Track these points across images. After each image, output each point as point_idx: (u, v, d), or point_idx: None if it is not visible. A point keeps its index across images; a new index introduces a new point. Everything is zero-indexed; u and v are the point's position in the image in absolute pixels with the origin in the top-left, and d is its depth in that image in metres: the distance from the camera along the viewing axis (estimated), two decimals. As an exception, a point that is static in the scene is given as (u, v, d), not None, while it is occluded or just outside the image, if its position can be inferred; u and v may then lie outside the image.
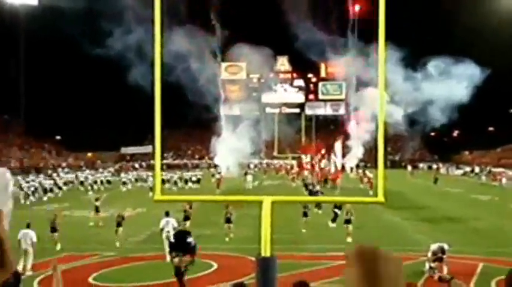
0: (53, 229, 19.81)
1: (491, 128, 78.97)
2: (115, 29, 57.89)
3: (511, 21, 61.50)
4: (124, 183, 49.49)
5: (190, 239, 12.93)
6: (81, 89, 72.56)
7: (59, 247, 19.28)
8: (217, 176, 48.40)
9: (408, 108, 61.16)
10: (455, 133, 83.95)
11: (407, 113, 61.49)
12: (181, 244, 12.93)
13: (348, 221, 21.19)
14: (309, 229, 22.86)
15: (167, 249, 16.76)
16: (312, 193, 33.87)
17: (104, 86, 69.85)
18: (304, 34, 73.11)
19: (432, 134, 77.32)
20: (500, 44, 60.68)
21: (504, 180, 51.30)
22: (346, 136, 65.06)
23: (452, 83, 54.17)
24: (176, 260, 12.90)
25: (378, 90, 7.85)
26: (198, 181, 51.42)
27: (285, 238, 18.40)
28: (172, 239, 13.14)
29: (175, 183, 49.03)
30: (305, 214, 23.07)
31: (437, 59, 56.97)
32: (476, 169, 63.43)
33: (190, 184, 50.05)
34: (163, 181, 50.67)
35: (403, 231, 23.09)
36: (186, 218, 22.25)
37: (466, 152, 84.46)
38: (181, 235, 13.41)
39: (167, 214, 18.78)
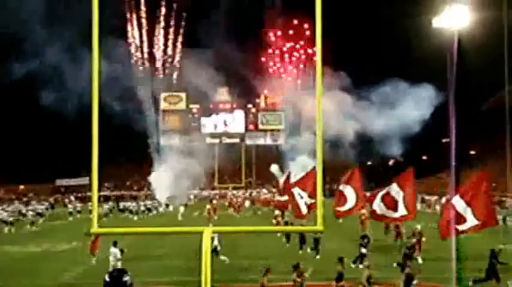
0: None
1: (425, 157, 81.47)
2: (27, 52, 55.88)
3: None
4: (70, 214, 49.53)
5: (126, 278, 12.48)
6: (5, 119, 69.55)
7: None
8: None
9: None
10: (391, 162, 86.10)
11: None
12: (117, 283, 12.45)
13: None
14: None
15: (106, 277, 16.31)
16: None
17: (21, 113, 67.28)
18: (243, 64, 74.08)
19: (369, 163, 79.13)
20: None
21: (438, 207, 52.72)
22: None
23: (398, 113, 55.66)
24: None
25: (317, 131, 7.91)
26: (149, 209, 53.10)
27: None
28: (107, 279, 12.65)
29: (131, 212, 49.55)
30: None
31: (385, 86, 58.42)
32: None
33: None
34: (121, 210, 50.62)
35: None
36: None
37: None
38: (117, 274, 12.91)
39: (114, 244, 18.74)
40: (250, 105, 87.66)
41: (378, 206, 18.27)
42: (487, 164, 67.32)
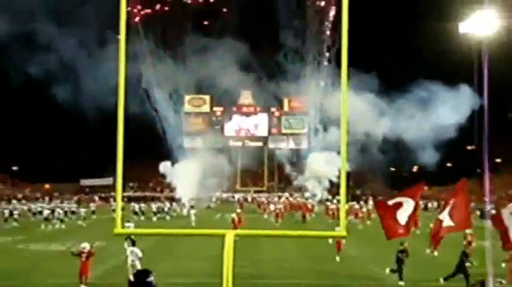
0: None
1: (449, 164, 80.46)
2: (41, 49, 55.69)
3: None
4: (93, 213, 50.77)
5: (150, 279, 12.54)
6: (31, 119, 70.19)
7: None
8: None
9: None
10: (415, 168, 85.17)
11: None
12: (141, 283, 12.51)
13: None
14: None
15: (131, 277, 16.34)
16: None
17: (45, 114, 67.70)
18: (268, 69, 73.74)
19: (392, 169, 78.43)
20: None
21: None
22: None
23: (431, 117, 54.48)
24: (134, 300, 12.49)
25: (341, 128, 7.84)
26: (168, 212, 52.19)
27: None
28: (132, 279, 12.77)
29: (154, 213, 49.63)
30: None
31: (417, 89, 57.29)
32: (435, 204, 64.23)
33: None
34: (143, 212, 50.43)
35: (364, 263, 23.06)
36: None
37: (425, 187, 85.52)
38: (141, 275, 12.97)
39: (133, 244, 18.63)
40: (273, 109, 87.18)
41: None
42: (513, 171, 66.37)
